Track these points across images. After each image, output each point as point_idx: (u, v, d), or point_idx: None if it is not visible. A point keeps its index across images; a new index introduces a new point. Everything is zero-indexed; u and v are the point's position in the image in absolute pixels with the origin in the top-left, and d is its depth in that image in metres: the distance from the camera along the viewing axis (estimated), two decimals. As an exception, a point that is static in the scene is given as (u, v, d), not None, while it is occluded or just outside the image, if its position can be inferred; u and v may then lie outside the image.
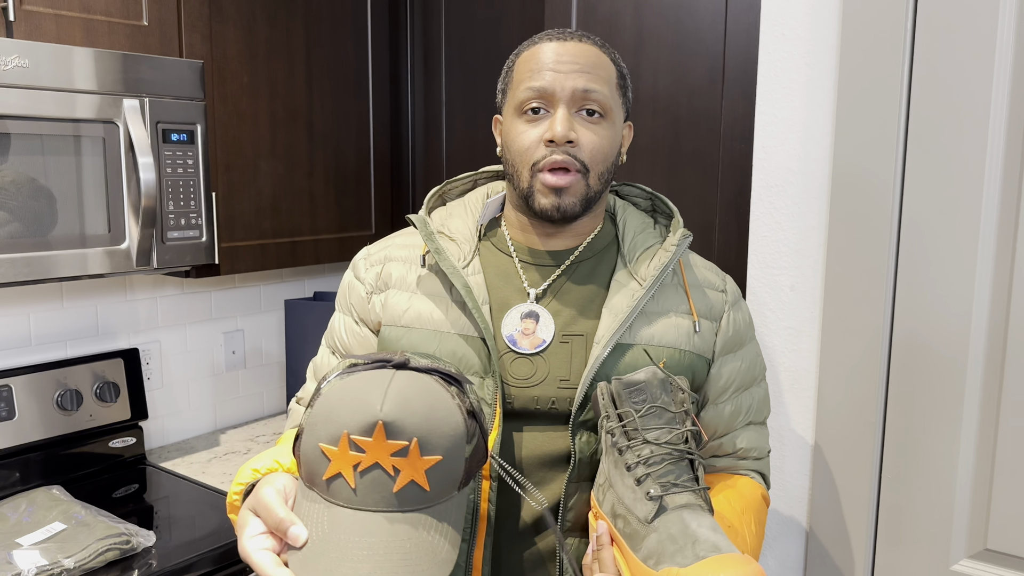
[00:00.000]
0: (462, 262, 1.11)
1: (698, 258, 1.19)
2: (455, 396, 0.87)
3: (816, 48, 1.28)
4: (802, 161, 1.32)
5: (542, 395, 1.05)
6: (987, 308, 1.18)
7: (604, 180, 1.08)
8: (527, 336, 1.07)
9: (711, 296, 1.13)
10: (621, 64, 1.10)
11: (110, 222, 1.62)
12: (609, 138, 1.06)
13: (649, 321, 1.07)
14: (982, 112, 1.15)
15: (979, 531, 1.22)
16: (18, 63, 1.47)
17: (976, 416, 1.21)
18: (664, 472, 0.90)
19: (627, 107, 1.12)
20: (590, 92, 1.04)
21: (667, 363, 1.06)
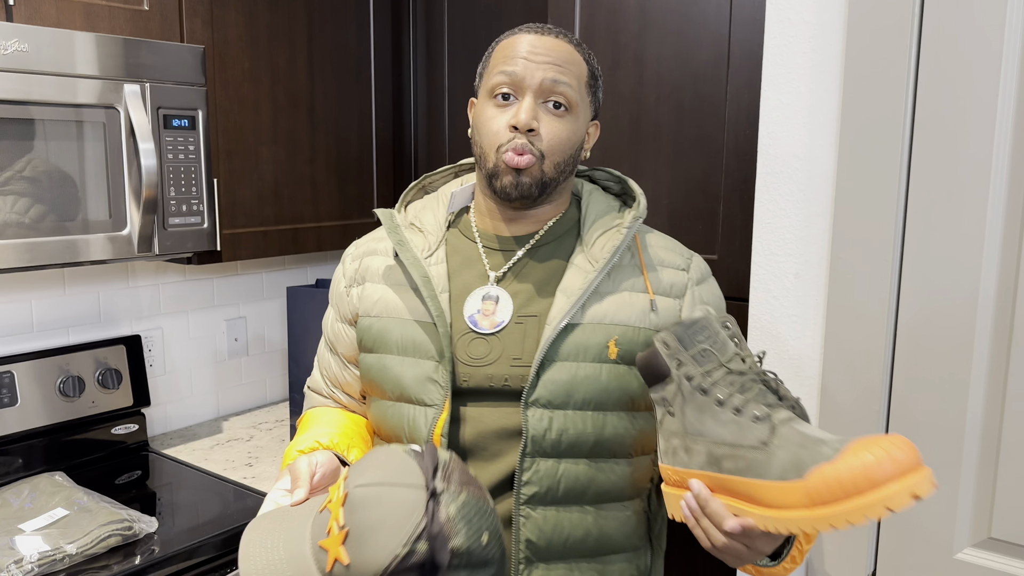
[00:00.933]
0: (426, 252, 1.18)
1: (661, 239, 1.23)
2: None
3: (822, 32, 1.27)
4: (807, 147, 1.31)
5: (496, 373, 1.11)
6: (993, 295, 1.18)
7: (560, 169, 1.13)
8: (487, 317, 1.14)
9: (671, 275, 1.18)
10: (595, 65, 1.16)
11: (111, 208, 1.62)
12: (570, 131, 1.12)
13: (603, 301, 1.13)
14: (990, 97, 1.14)
15: (983, 520, 1.21)
16: (18, 47, 1.46)
17: (981, 403, 1.20)
18: (757, 395, 0.89)
19: (595, 106, 1.18)
20: (558, 84, 1.09)
21: (619, 340, 1.11)
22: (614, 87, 1.65)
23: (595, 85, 1.16)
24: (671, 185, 1.60)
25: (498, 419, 1.12)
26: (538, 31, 1.12)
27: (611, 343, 1.11)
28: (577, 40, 1.15)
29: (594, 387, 1.10)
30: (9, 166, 1.47)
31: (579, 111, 1.13)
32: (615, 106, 1.65)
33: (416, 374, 1.13)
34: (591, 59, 1.15)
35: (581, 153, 1.17)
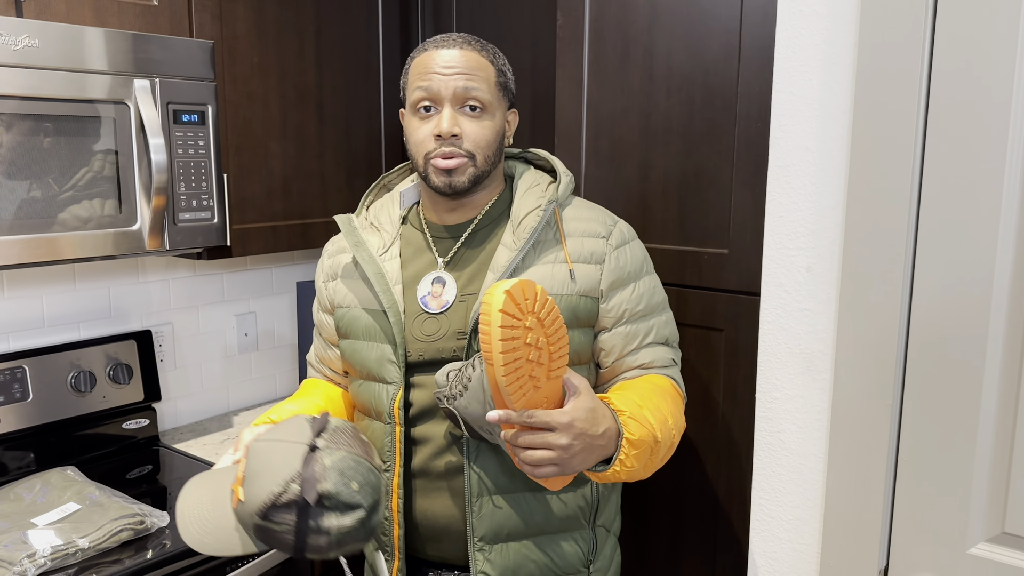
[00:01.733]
0: (382, 250, 1.36)
1: (585, 210, 1.36)
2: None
3: (834, 24, 1.26)
4: (819, 140, 1.30)
5: (445, 347, 1.29)
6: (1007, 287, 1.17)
7: (491, 161, 1.31)
8: (436, 298, 1.32)
9: (591, 243, 1.32)
10: (501, 63, 1.32)
11: (121, 203, 1.62)
12: (490, 127, 1.29)
13: (527, 273, 1.29)
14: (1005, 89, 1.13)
15: (997, 514, 1.21)
16: (28, 43, 1.46)
17: (995, 398, 1.19)
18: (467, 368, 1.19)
19: (509, 98, 1.34)
20: (470, 91, 1.26)
21: None
22: (624, 80, 1.64)
23: (504, 82, 1.31)
24: (682, 179, 1.60)
25: None
26: (445, 45, 1.27)
27: None
28: (482, 44, 1.30)
29: None
30: (20, 162, 1.48)
31: (494, 108, 1.29)
32: (625, 99, 1.65)
33: (378, 356, 1.32)
34: (497, 59, 1.31)
35: (504, 141, 1.34)
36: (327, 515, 1.04)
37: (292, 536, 1.04)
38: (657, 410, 1.23)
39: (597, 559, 1.40)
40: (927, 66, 1.19)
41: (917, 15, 1.18)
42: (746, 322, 1.54)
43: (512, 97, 1.35)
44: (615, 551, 1.46)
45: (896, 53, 1.21)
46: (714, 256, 1.57)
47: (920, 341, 1.24)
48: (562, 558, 1.34)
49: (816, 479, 1.37)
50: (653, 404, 1.24)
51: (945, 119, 1.19)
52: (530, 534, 1.32)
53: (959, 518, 1.23)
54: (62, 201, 1.54)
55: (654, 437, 1.19)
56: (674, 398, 1.32)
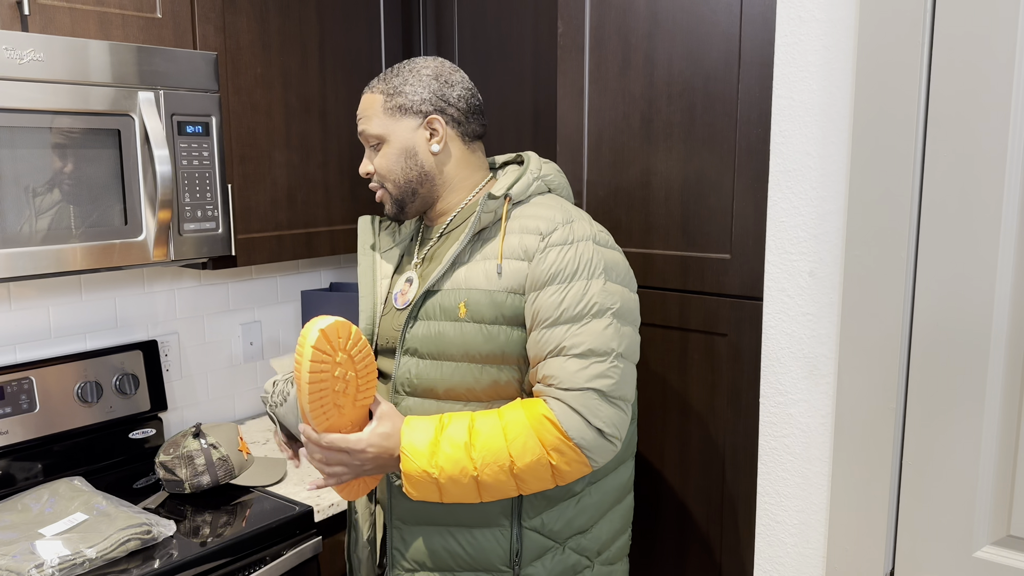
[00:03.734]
0: (387, 248, 1.50)
1: (542, 208, 1.36)
2: None
3: (834, 30, 1.27)
4: (820, 145, 1.30)
5: (410, 335, 1.37)
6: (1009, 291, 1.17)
7: (405, 184, 1.40)
8: (403, 295, 1.43)
9: (528, 240, 1.32)
10: (392, 86, 1.39)
11: (127, 215, 1.63)
12: (391, 156, 1.39)
13: (467, 268, 1.34)
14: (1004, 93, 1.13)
15: (1002, 517, 1.21)
16: (33, 56, 1.48)
17: (999, 400, 1.19)
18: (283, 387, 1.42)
19: (417, 109, 1.38)
20: (363, 133, 1.41)
21: (468, 302, 1.32)
22: (625, 87, 1.65)
23: (398, 102, 1.38)
24: (683, 184, 1.60)
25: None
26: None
27: (461, 304, 1.32)
28: (384, 77, 1.40)
29: (447, 341, 1.33)
30: (25, 175, 1.49)
31: (390, 135, 1.38)
32: (626, 106, 1.65)
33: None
34: (388, 83, 1.39)
35: (421, 157, 1.39)
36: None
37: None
38: (456, 448, 1.25)
39: (527, 564, 1.37)
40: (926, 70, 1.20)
41: (916, 19, 1.19)
42: (749, 327, 1.54)
43: (425, 107, 1.38)
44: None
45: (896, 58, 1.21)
46: (717, 261, 1.57)
47: (923, 344, 1.24)
48: (479, 552, 1.35)
49: (821, 483, 1.37)
50: (458, 442, 1.26)
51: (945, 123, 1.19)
52: (446, 523, 1.36)
53: (964, 521, 1.23)
54: (68, 213, 1.55)
55: (428, 475, 1.25)
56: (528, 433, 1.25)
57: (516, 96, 2.05)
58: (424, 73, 1.39)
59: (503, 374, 1.33)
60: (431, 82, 1.38)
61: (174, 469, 1.77)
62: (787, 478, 1.40)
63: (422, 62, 1.41)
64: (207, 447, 1.79)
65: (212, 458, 1.78)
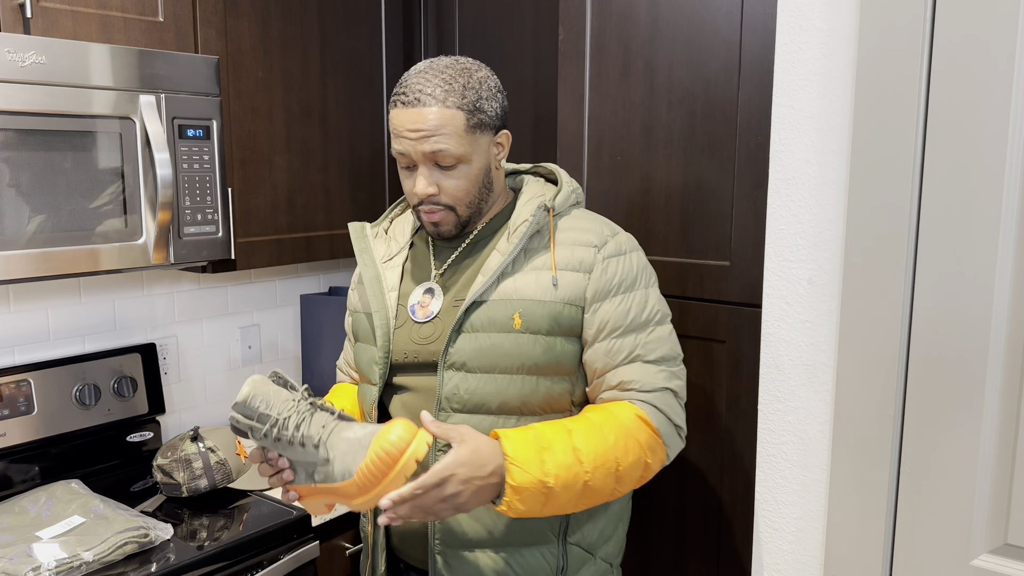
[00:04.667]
0: (386, 258, 1.41)
1: (586, 220, 1.36)
2: None
3: (834, 39, 1.27)
4: (820, 152, 1.31)
5: (438, 349, 1.32)
6: (1008, 300, 1.17)
7: (475, 203, 1.33)
8: (423, 308, 1.35)
9: (582, 252, 1.31)
10: (472, 100, 1.26)
11: (127, 218, 1.63)
12: (468, 176, 1.29)
13: (513, 278, 1.30)
14: (1003, 102, 1.14)
15: (999, 525, 1.21)
16: (35, 59, 1.48)
17: (996, 408, 1.20)
18: (313, 421, 1.17)
19: (494, 125, 1.30)
20: (437, 152, 1.25)
21: (523, 313, 1.28)
22: (625, 94, 1.66)
23: (481, 119, 1.27)
24: (683, 191, 1.60)
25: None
26: (407, 104, 1.25)
27: (516, 315, 1.28)
28: (448, 86, 1.25)
29: (499, 353, 1.27)
30: (27, 177, 1.49)
31: (469, 154, 1.27)
32: (626, 113, 1.66)
33: (367, 358, 1.38)
34: (466, 96, 1.26)
35: (492, 171, 1.34)
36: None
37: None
38: (566, 454, 1.20)
39: None
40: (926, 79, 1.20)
41: (915, 28, 1.19)
42: (748, 334, 1.54)
43: (498, 122, 1.31)
44: None
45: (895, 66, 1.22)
46: (716, 268, 1.57)
47: (921, 352, 1.24)
48: (527, 571, 1.32)
49: (819, 490, 1.37)
50: (566, 447, 1.21)
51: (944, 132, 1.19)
52: (493, 544, 1.31)
53: (962, 529, 1.23)
54: (68, 215, 1.55)
55: (543, 484, 1.18)
56: (626, 432, 1.26)
57: (517, 102, 2.06)
58: (491, 84, 1.30)
59: (556, 385, 1.31)
60: (497, 94, 1.31)
61: (172, 472, 1.77)
62: (785, 485, 1.40)
63: (476, 70, 1.29)
64: (205, 451, 1.78)
65: (210, 462, 1.78)
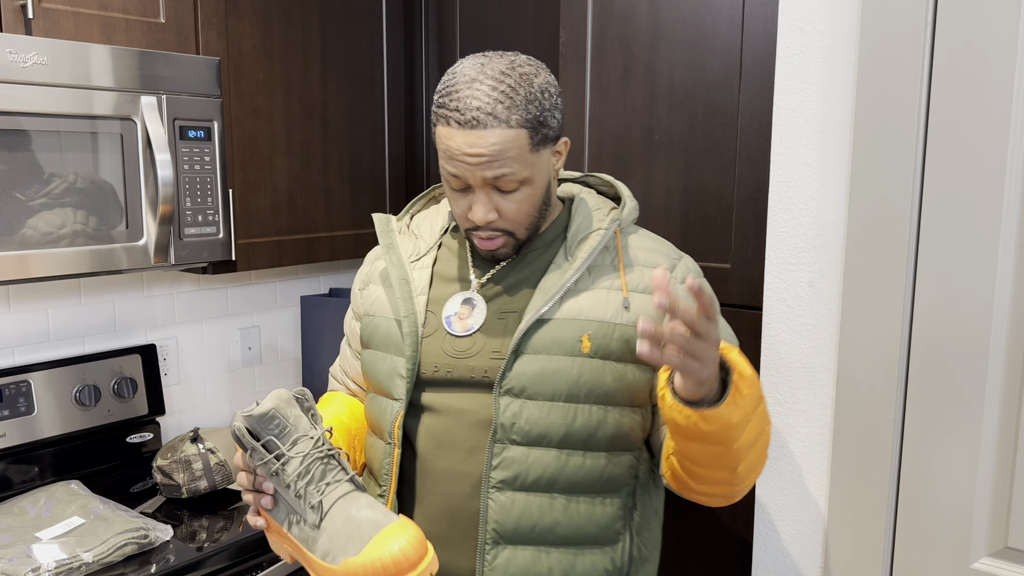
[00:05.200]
0: (414, 257, 1.27)
1: (648, 241, 1.26)
2: None
3: (835, 42, 1.27)
4: (820, 155, 1.31)
5: (477, 365, 1.18)
6: (1008, 303, 1.17)
7: (534, 224, 1.19)
8: (461, 320, 1.21)
9: (649, 275, 1.20)
10: (534, 117, 1.10)
11: (128, 218, 1.63)
12: (530, 197, 1.15)
13: (579, 297, 1.17)
14: (1004, 105, 1.14)
15: (1000, 529, 1.21)
16: (37, 60, 1.48)
17: (997, 412, 1.20)
18: (318, 477, 1.04)
19: (556, 135, 1.16)
20: (500, 177, 1.11)
21: (593, 335, 1.15)
22: (626, 97, 1.66)
23: (544, 132, 1.13)
24: (683, 194, 1.61)
25: (476, 409, 1.18)
26: (464, 125, 1.09)
27: (584, 337, 1.15)
28: (510, 101, 1.09)
29: (565, 379, 1.15)
30: (28, 178, 1.49)
31: (533, 176, 1.14)
32: (627, 116, 1.66)
33: (388, 368, 1.22)
34: (528, 113, 1.10)
35: (551, 189, 1.20)
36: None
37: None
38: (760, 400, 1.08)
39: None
40: (927, 82, 1.20)
41: (916, 32, 1.19)
42: (748, 336, 1.55)
43: (560, 131, 1.18)
44: None
45: (896, 69, 1.22)
46: (716, 271, 1.58)
47: (922, 355, 1.24)
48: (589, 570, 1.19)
49: (819, 493, 1.37)
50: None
51: (945, 135, 1.19)
52: (553, 541, 1.17)
53: (962, 532, 1.23)
54: (69, 216, 1.55)
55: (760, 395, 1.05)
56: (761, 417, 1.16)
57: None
58: (552, 90, 1.14)
59: (626, 418, 1.18)
60: (559, 99, 1.16)
61: (171, 474, 1.77)
62: (786, 488, 1.40)
63: (535, 74, 1.13)
64: (205, 452, 1.78)
65: (210, 463, 1.78)
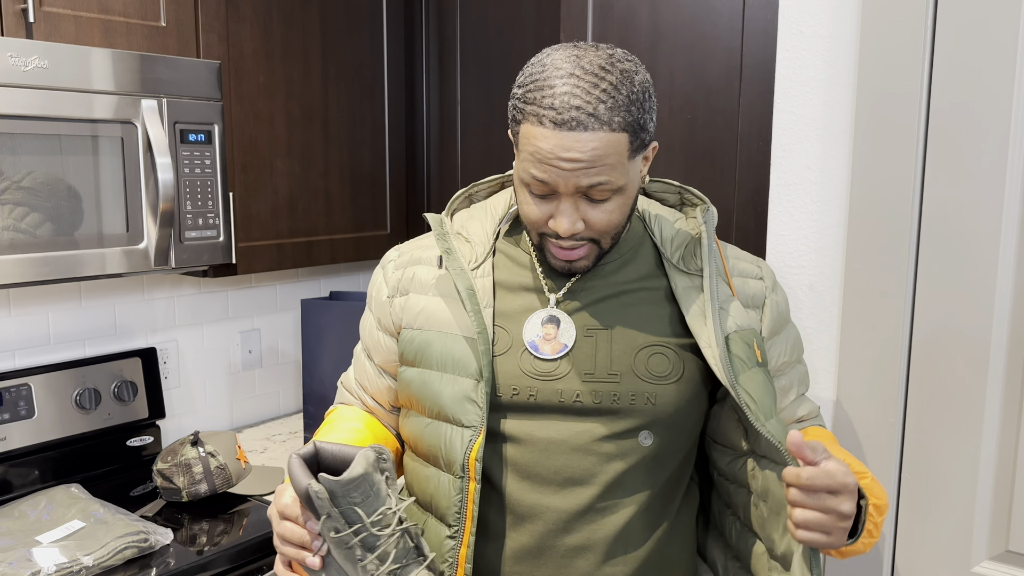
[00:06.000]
0: (473, 264, 1.12)
1: (731, 249, 1.19)
2: None
3: (835, 45, 1.28)
4: (821, 159, 1.31)
5: (566, 388, 1.06)
6: (1008, 306, 1.17)
7: (620, 235, 1.08)
8: (548, 341, 1.08)
9: (751, 285, 1.14)
10: (635, 119, 0.98)
11: (128, 222, 1.63)
12: (621, 206, 1.03)
13: (724, 309, 1.08)
14: (1003, 109, 1.14)
15: (1000, 532, 1.21)
16: (38, 64, 1.48)
17: (997, 415, 1.20)
18: (396, 555, 0.96)
19: (652, 139, 1.04)
20: (595, 186, 0.99)
21: (757, 342, 1.09)
22: (626, 100, 1.66)
23: (640, 139, 1.00)
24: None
25: (568, 439, 1.06)
26: (560, 125, 0.96)
27: (754, 343, 1.08)
28: (610, 104, 0.96)
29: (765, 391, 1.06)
30: (28, 181, 1.49)
31: (627, 183, 1.01)
32: (628, 119, 1.66)
33: (454, 392, 1.07)
34: (630, 115, 0.97)
35: (638, 195, 1.10)
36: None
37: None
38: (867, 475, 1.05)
39: None
40: (927, 85, 1.20)
41: (916, 36, 1.20)
42: (749, 340, 1.55)
43: (654, 134, 1.08)
44: None
45: (896, 73, 1.22)
46: (717, 274, 1.58)
47: (922, 359, 1.24)
48: None
49: (820, 497, 1.37)
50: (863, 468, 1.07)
51: (945, 137, 1.20)
52: None
53: (963, 536, 1.23)
54: (69, 220, 1.55)
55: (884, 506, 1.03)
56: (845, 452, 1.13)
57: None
58: (650, 89, 1.01)
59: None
60: (654, 99, 1.03)
61: (172, 477, 1.76)
62: (786, 491, 1.40)
63: (634, 71, 1.00)
64: (205, 455, 1.78)
65: (210, 466, 1.78)
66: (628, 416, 1.06)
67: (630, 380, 1.06)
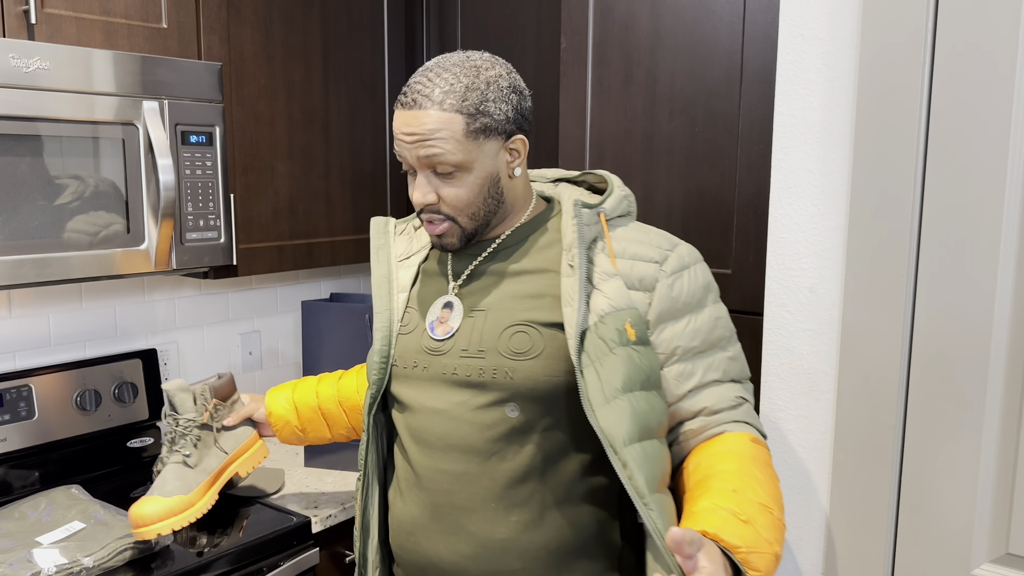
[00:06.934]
0: (404, 256, 1.32)
1: (640, 233, 1.24)
2: None
3: (835, 48, 1.28)
4: (821, 161, 1.31)
5: (448, 363, 1.21)
6: (1009, 308, 1.17)
7: (479, 215, 1.20)
8: (442, 324, 1.23)
9: (641, 268, 1.19)
10: (471, 104, 1.13)
11: (129, 223, 1.63)
12: (469, 185, 1.16)
13: (600, 290, 1.16)
14: (1004, 112, 1.14)
15: (1001, 535, 1.21)
16: (39, 65, 1.48)
17: (998, 418, 1.20)
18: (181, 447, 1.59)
19: (503, 129, 1.16)
20: (432, 157, 1.13)
21: (632, 321, 1.15)
22: (627, 103, 1.66)
23: (484, 123, 1.14)
24: (684, 200, 1.61)
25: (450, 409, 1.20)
26: (405, 105, 1.14)
27: (627, 324, 1.14)
28: (442, 93, 1.12)
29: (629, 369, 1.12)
30: (29, 182, 1.49)
31: (469, 162, 1.15)
32: (628, 122, 1.66)
33: (372, 355, 1.27)
34: (466, 100, 1.13)
35: (502, 183, 1.20)
36: None
37: None
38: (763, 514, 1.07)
39: None
40: (927, 87, 1.20)
41: (917, 38, 1.20)
42: (749, 342, 1.55)
43: (510, 126, 1.18)
44: None
45: (896, 76, 1.22)
46: (717, 276, 1.58)
47: (923, 361, 1.25)
48: None
49: (820, 499, 1.37)
50: (755, 504, 1.07)
51: (946, 140, 1.20)
52: None
53: (963, 539, 1.23)
54: (70, 221, 1.55)
55: (776, 556, 1.05)
56: (763, 462, 1.15)
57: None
58: (502, 85, 1.16)
59: (660, 401, 1.18)
60: (510, 95, 1.16)
61: (172, 478, 1.76)
62: (786, 494, 1.40)
63: (487, 68, 1.16)
64: (205, 457, 1.78)
65: (210, 468, 1.78)
66: (492, 389, 1.17)
67: (493, 356, 1.18)
